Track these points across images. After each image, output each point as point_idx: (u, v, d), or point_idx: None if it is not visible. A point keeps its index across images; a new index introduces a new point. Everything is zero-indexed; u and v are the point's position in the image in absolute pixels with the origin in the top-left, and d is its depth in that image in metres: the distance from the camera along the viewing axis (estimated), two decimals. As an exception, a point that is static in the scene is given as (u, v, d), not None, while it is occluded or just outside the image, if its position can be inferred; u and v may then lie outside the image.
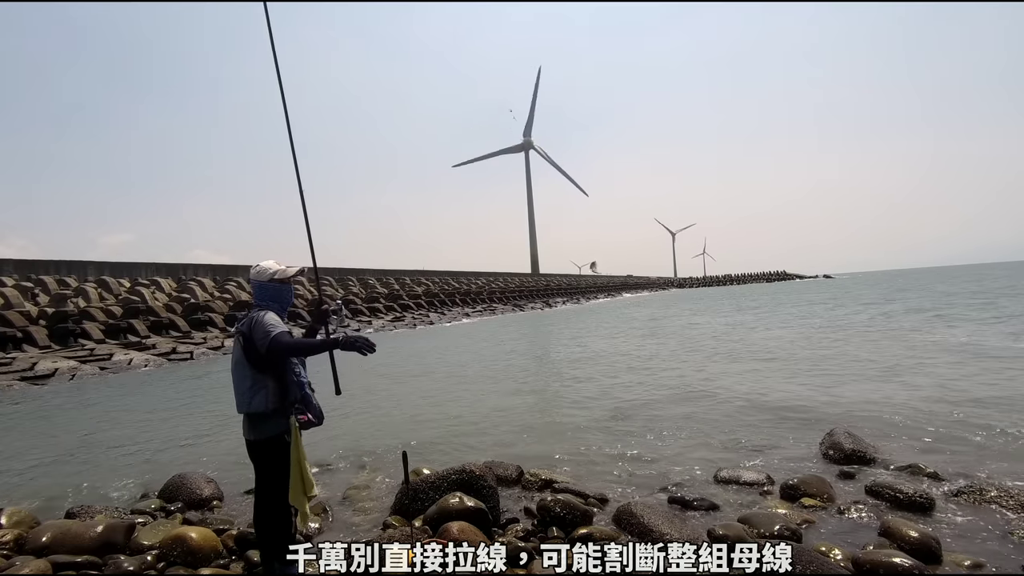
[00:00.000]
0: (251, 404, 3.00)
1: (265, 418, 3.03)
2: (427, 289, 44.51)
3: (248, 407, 3.01)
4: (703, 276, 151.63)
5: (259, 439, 3.04)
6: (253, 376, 2.99)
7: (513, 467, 5.34)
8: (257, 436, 3.04)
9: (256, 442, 3.06)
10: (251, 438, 3.07)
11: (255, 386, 2.99)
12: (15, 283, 22.17)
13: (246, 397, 3.00)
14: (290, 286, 3.27)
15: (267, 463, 3.07)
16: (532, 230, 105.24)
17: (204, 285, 28.59)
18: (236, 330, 3.10)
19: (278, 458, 3.05)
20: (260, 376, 2.99)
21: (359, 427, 7.87)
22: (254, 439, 3.06)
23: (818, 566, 3.05)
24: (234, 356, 3.09)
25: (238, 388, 3.04)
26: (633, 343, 17.79)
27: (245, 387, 3.00)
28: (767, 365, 11.61)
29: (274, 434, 3.02)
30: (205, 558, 3.67)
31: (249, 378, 3.00)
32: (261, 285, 3.19)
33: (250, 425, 3.06)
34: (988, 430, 6.05)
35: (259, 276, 3.20)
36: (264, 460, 3.08)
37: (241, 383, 3.02)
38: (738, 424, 6.95)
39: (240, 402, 3.04)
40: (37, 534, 4.00)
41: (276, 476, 3.07)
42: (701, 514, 4.27)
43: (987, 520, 3.91)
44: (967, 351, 11.81)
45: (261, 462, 3.09)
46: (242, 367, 3.03)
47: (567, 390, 10.21)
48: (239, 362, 3.05)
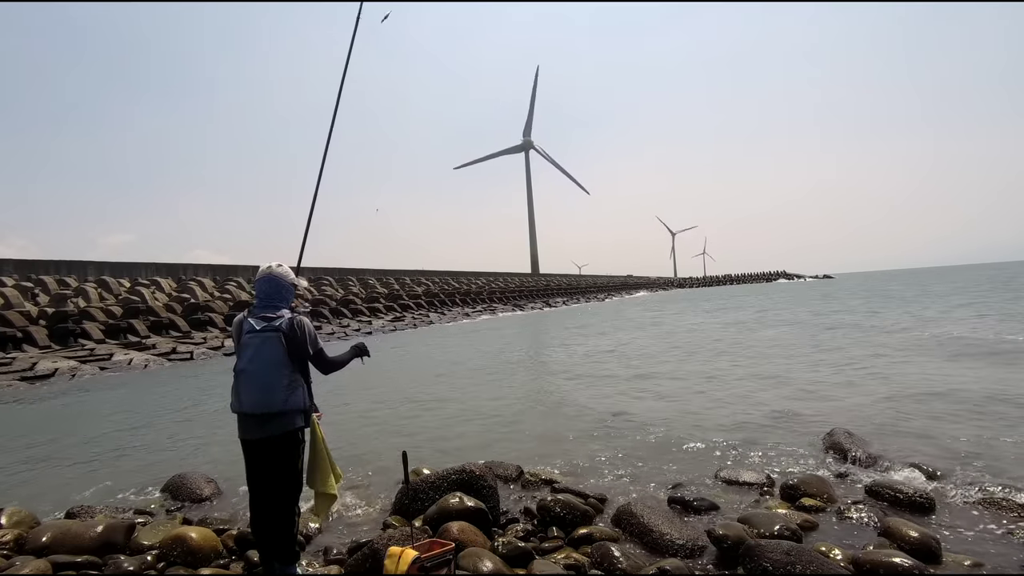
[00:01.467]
0: (287, 402, 3.03)
1: (296, 414, 3.10)
2: (427, 289, 44.51)
3: (284, 404, 3.02)
4: (703, 276, 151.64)
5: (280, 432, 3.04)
6: (291, 375, 3.07)
7: (513, 467, 5.34)
8: (279, 430, 3.04)
9: (277, 436, 3.04)
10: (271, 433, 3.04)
11: (292, 384, 3.07)
12: (15, 283, 22.18)
13: (281, 395, 3.01)
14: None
15: (282, 457, 3.08)
16: (532, 230, 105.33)
17: (204, 285, 28.59)
18: (271, 327, 3.08)
19: (296, 453, 3.13)
20: (297, 376, 3.12)
21: (359, 427, 7.87)
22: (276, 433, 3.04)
23: (818, 566, 3.05)
24: (266, 354, 3.05)
25: (268, 387, 3.01)
26: (632, 342, 17.79)
27: (281, 385, 3.02)
28: (767, 365, 11.62)
29: (299, 426, 3.12)
30: (205, 558, 3.67)
31: (287, 376, 3.05)
32: (287, 287, 3.29)
33: (270, 420, 3.03)
34: (988, 430, 6.05)
35: (288, 277, 3.30)
36: (280, 455, 3.08)
37: (276, 381, 3.02)
38: (738, 424, 6.95)
39: (271, 400, 3.00)
40: (37, 534, 4.00)
41: (292, 471, 3.12)
42: (701, 514, 4.26)
43: (987, 520, 3.91)
44: (967, 350, 11.80)
45: (278, 457, 3.08)
46: (280, 367, 3.04)
47: (567, 390, 10.21)
48: (278, 362, 3.04)
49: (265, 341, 3.05)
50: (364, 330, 27.67)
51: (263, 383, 3.02)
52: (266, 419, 3.03)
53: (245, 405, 3.04)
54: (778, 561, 3.07)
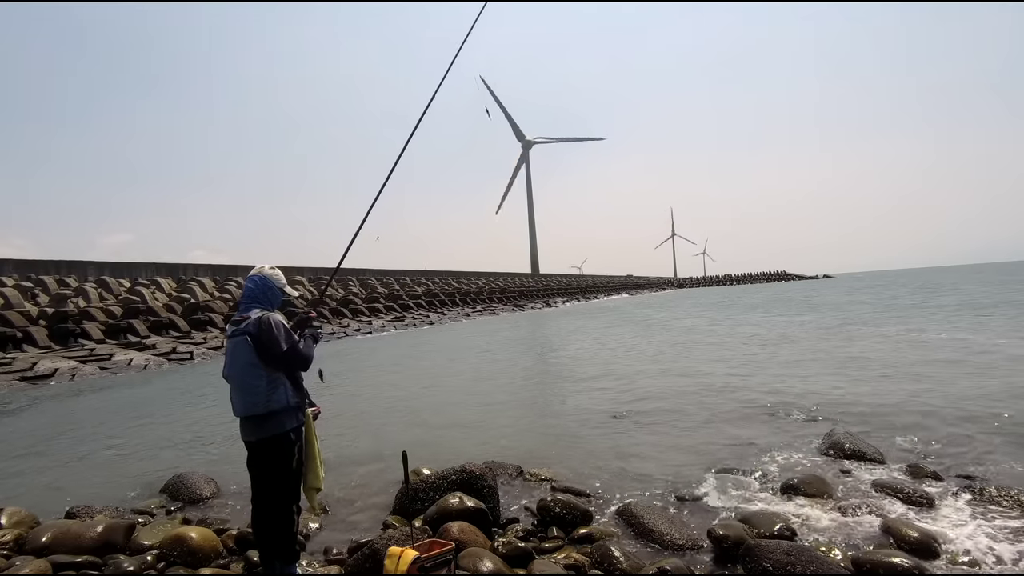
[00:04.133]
0: (270, 402, 3.00)
1: (282, 414, 3.05)
2: (427, 289, 44.51)
3: (267, 406, 3.00)
4: (703, 276, 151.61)
5: (269, 435, 3.04)
6: (268, 375, 3.02)
7: (513, 467, 5.34)
8: (267, 433, 3.04)
9: (266, 439, 3.05)
10: (260, 436, 3.05)
11: (271, 384, 3.02)
12: (15, 283, 22.17)
13: (262, 396, 3.00)
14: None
15: (275, 459, 3.07)
16: (532, 230, 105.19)
17: (204, 285, 28.59)
18: (239, 331, 3.06)
19: (288, 453, 3.08)
20: (275, 375, 3.04)
21: (359, 426, 7.87)
22: (264, 436, 3.04)
23: (818, 566, 3.05)
24: (239, 358, 3.04)
25: (248, 389, 3.01)
26: (632, 342, 17.79)
27: (260, 387, 3.00)
28: (766, 365, 11.61)
29: (288, 428, 3.06)
30: (205, 558, 3.68)
31: (263, 377, 3.01)
32: (273, 291, 3.25)
33: (257, 424, 3.05)
34: (988, 430, 6.04)
35: (277, 280, 3.27)
36: (272, 457, 3.08)
37: (254, 383, 3.01)
38: (737, 424, 6.94)
39: (253, 403, 3.01)
40: (37, 534, 4.00)
41: (287, 472, 3.09)
42: (701, 514, 4.26)
43: (987, 519, 3.90)
44: (966, 351, 11.80)
45: (271, 459, 3.08)
46: (254, 368, 3.01)
47: (567, 389, 10.21)
48: (250, 364, 3.02)
49: (236, 345, 3.07)
50: (364, 330, 27.67)
51: (242, 386, 3.04)
52: (256, 421, 3.04)
53: (236, 409, 3.10)
54: (778, 561, 3.07)
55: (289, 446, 3.08)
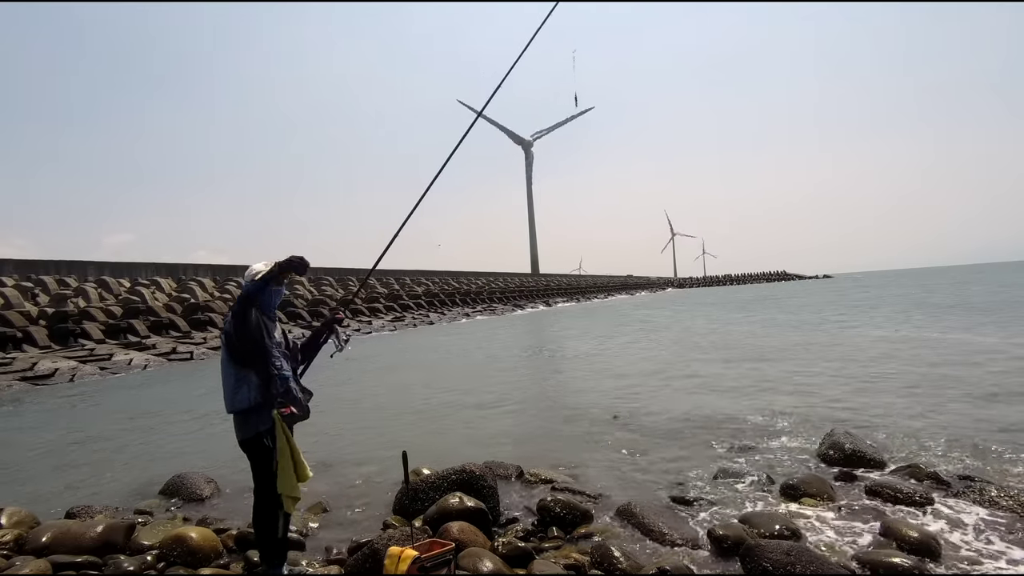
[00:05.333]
0: (235, 401, 3.05)
1: (249, 414, 3.06)
2: (427, 289, 44.50)
3: (232, 405, 3.06)
4: (703, 276, 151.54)
5: (245, 438, 3.09)
6: (236, 373, 3.06)
7: (513, 467, 5.34)
8: (244, 435, 3.09)
9: (244, 441, 3.11)
10: (240, 438, 3.12)
11: (238, 382, 3.05)
12: (15, 283, 22.17)
13: (229, 395, 3.07)
14: (271, 287, 3.18)
15: (254, 462, 3.12)
16: (532, 230, 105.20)
17: (204, 285, 28.58)
18: (223, 330, 3.17)
19: (263, 456, 3.08)
20: (243, 372, 3.05)
21: (359, 426, 7.87)
22: (242, 438, 3.11)
23: (818, 566, 3.04)
24: (222, 356, 3.15)
25: (226, 388, 3.10)
26: (631, 342, 17.78)
27: (229, 385, 3.07)
28: (766, 365, 11.61)
29: (260, 431, 3.06)
30: (205, 558, 3.67)
31: (233, 375, 3.06)
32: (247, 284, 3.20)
33: (237, 424, 3.12)
34: (988, 430, 6.04)
35: (249, 272, 3.24)
36: (252, 459, 3.12)
37: (226, 382, 3.09)
38: (737, 424, 6.94)
39: (227, 402, 3.08)
40: (37, 534, 4.00)
41: (262, 474, 3.11)
42: (701, 514, 4.26)
43: (987, 520, 3.90)
44: (964, 350, 11.80)
45: (252, 461, 3.13)
46: (227, 366, 3.09)
47: (567, 389, 10.21)
48: (225, 361, 3.11)
49: (222, 345, 3.15)
50: (364, 330, 27.66)
51: (224, 385, 3.11)
52: (235, 421, 3.12)
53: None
54: (778, 561, 3.06)
55: (265, 451, 3.06)
